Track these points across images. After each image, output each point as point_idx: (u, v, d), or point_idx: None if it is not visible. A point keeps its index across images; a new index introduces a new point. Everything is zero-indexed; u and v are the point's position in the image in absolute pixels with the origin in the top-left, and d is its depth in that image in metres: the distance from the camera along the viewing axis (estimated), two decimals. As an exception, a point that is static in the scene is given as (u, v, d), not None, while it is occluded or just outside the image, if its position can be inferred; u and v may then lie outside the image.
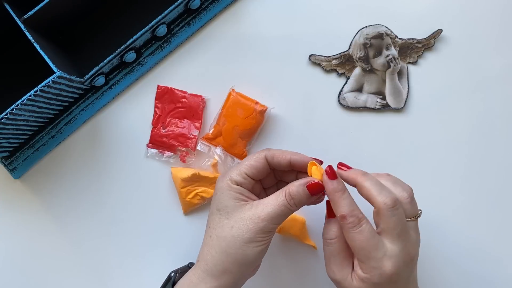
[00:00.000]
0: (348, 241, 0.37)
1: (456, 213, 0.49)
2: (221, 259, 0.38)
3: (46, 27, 0.47)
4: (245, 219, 0.38)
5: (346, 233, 0.37)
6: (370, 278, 0.36)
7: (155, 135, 0.50)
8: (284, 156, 0.40)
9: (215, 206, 0.40)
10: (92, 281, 0.49)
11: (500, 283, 0.48)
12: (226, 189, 0.39)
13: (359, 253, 0.36)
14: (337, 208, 0.37)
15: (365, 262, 0.36)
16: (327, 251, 0.39)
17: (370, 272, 0.36)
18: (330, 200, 0.38)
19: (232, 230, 0.38)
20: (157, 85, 0.50)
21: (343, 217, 0.37)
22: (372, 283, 0.36)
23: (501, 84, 0.51)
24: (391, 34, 0.51)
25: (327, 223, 0.39)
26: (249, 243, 0.38)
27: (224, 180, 0.40)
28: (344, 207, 0.37)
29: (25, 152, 0.49)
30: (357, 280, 0.37)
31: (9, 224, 0.49)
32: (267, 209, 0.38)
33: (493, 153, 0.50)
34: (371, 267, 0.36)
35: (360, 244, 0.36)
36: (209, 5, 0.51)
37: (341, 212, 0.37)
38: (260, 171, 0.40)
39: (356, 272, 0.37)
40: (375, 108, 0.50)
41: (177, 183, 0.48)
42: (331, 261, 0.38)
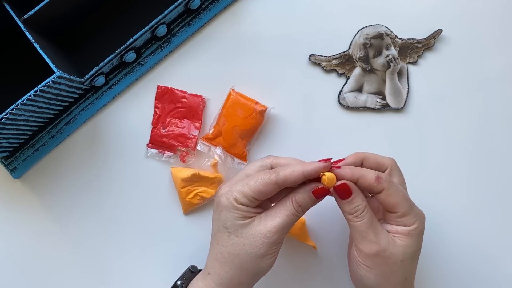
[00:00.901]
0: (390, 198, 0.38)
1: (456, 212, 0.49)
2: (236, 274, 0.39)
3: (46, 27, 0.47)
4: (256, 235, 0.38)
5: (386, 192, 0.38)
6: (417, 227, 0.39)
7: (155, 135, 0.50)
8: (296, 176, 0.38)
9: (222, 224, 0.39)
10: (92, 281, 0.49)
11: (501, 283, 0.48)
12: (232, 209, 0.38)
13: (403, 205, 0.38)
14: (367, 178, 0.38)
15: (410, 213, 0.38)
16: (362, 225, 0.38)
17: (416, 221, 0.39)
18: (356, 179, 0.39)
19: (245, 248, 0.38)
20: (157, 85, 0.50)
21: (379, 178, 0.38)
22: (418, 233, 0.39)
23: (501, 84, 0.51)
24: (391, 34, 0.51)
25: (347, 204, 0.38)
26: (263, 257, 0.38)
27: (229, 198, 0.38)
28: (371, 173, 0.38)
29: (25, 152, 0.49)
30: (402, 238, 0.38)
31: (9, 224, 0.49)
32: (277, 221, 0.38)
33: (493, 153, 0.50)
34: (415, 214, 0.39)
35: (402, 195, 0.38)
36: (209, 5, 0.51)
37: (373, 177, 0.38)
38: (268, 195, 0.39)
39: (398, 231, 0.38)
40: (375, 108, 0.50)
41: (177, 183, 0.48)
42: (369, 232, 0.38)
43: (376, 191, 0.38)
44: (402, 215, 0.38)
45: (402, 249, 0.38)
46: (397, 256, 0.38)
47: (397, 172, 0.41)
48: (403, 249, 0.38)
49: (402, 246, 0.38)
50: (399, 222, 0.39)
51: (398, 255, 0.38)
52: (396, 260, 0.38)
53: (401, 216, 0.38)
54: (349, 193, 0.38)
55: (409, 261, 0.39)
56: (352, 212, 0.38)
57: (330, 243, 0.49)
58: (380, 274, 0.38)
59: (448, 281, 0.48)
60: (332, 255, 0.49)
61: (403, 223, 0.39)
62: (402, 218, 0.38)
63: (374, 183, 0.38)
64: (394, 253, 0.38)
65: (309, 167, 0.38)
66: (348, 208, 0.38)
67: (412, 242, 0.38)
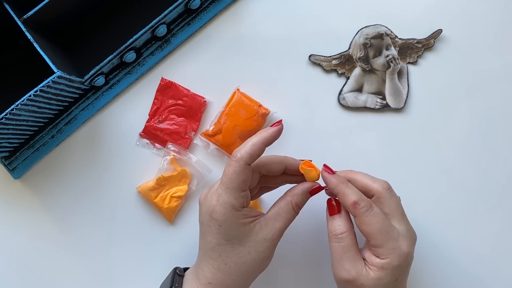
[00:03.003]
0: (364, 227, 0.37)
1: (456, 212, 0.49)
2: (243, 280, 0.39)
3: (46, 27, 0.47)
4: (260, 241, 0.39)
5: (361, 220, 0.37)
6: (390, 262, 0.36)
7: (149, 126, 0.50)
8: (276, 164, 0.40)
9: (223, 237, 0.38)
10: (92, 281, 0.49)
11: (499, 284, 0.48)
12: (233, 219, 0.38)
13: (377, 237, 0.36)
14: (346, 198, 0.38)
15: (384, 246, 0.36)
16: (338, 248, 0.38)
17: (390, 255, 0.36)
18: (337, 193, 0.39)
19: (251, 255, 0.39)
20: (162, 77, 0.50)
21: (355, 204, 0.37)
22: (392, 267, 0.36)
23: (501, 83, 0.51)
24: (391, 34, 0.51)
25: (331, 220, 0.39)
26: (268, 259, 0.40)
27: (226, 210, 0.38)
28: (353, 195, 0.38)
29: (25, 152, 0.49)
30: (375, 271, 0.37)
31: (9, 224, 0.49)
32: (278, 224, 0.39)
33: (493, 153, 0.50)
34: (390, 248, 0.36)
35: (377, 226, 0.37)
36: (209, 5, 0.51)
37: (351, 200, 0.37)
38: (248, 182, 0.38)
39: (372, 262, 0.37)
40: (375, 108, 0.50)
41: (148, 197, 0.48)
42: (344, 258, 0.37)
43: (352, 215, 0.38)
44: (376, 246, 0.37)
45: (373, 282, 0.36)
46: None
47: (387, 199, 0.39)
48: (374, 281, 0.36)
49: (374, 279, 0.36)
50: (374, 251, 0.37)
51: (368, 287, 0.37)
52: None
53: (375, 246, 0.37)
54: (334, 212, 0.39)
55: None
56: (333, 231, 0.38)
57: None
58: None
59: (448, 281, 0.48)
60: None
61: (377, 253, 0.37)
62: (376, 248, 0.37)
63: (350, 206, 0.38)
64: (364, 284, 0.37)
65: (264, 133, 0.39)
66: (330, 225, 0.39)
67: (384, 276, 0.37)
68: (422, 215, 0.49)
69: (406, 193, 0.49)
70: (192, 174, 0.49)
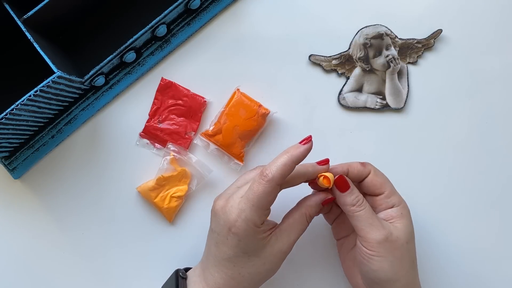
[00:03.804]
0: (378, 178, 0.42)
1: (456, 212, 0.49)
2: (253, 287, 0.41)
3: (46, 27, 0.47)
4: (275, 253, 0.40)
5: (372, 175, 0.42)
6: (404, 206, 0.42)
7: (149, 126, 0.50)
8: (299, 178, 0.41)
9: (241, 251, 0.39)
10: (92, 281, 0.49)
11: (499, 283, 0.48)
12: (253, 235, 0.38)
13: (389, 184, 0.42)
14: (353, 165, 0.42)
15: (395, 193, 0.42)
16: (365, 214, 0.40)
17: (401, 202, 0.42)
18: (346, 170, 0.42)
19: (265, 266, 0.40)
20: (162, 77, 0.50)
21: (364, 163, 0.43)
22: (407, 211, 0.41)
23: (501, 83, 0.51)
24: (391, 34, 0.51)
25: (348, 195, 0.40)
26: (278, 267, 0.41)
27: (248, 226, 0.38)
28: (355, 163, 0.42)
29: (25, 152, 0.49)
30: (398, 221, 0.40)
31: (9, 224, 0.49)
32: (293, 236, 0.40)
33: (493, 152, 0.50)
34: (399, 196, 0.42)
35: (385, 178, 0.43)
36: (209, 5, 0.51)
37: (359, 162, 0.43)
38: (274, 201, 0.39)
39: (392, 215, 0.41)
40: (375, 108, 0.50)
41: (148, 197, 0.48)
42: (373, 220, 0.39)
43: (365, 174, 0.42)
44: (390, 194, 0.41)
45: (403, 230, 0.40)
46: (403, 239, 0.39)
47: (377, 171, 0.43)
48: (404, 230, 0.40)
49: (402, 228, 0.40)
50: (388, 203, 0.41)
51: (403, 237, 0.39)
52: (402, 243, 0.39)
53: (389, 196, 0.41)
54: (348, 185, 0.41)
55: (411, 242, 0.40)
56: (354, 202, 0.40)
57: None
58: (394, 260, 0.39)
59: (448, 281, 0.48)
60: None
61: (392, 203, 0.41)
62: (390, 197, 0.41)
63: (361, 167, 0.42)
64: (399, 236, 0.39)
65: (295, 152, 0.39)
66: (349, 199, 0.40)
67: (408, 222, 0.40)
68: (422, 215, 0.49)
69: (406, 193, 0.49)
70: (192, 174, 0.49)
